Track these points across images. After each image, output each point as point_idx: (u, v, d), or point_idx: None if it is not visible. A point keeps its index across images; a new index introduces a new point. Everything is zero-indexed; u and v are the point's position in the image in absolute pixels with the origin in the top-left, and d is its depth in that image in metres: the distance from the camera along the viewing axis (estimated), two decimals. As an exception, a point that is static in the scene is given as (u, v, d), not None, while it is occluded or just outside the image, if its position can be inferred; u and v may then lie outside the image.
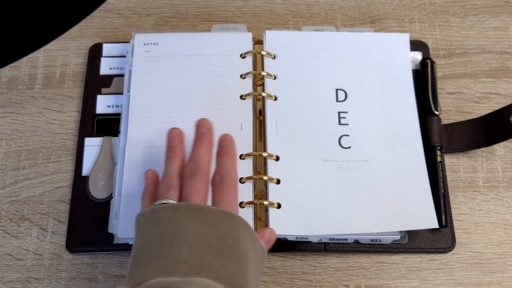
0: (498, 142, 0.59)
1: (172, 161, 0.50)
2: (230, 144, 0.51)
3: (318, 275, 0.55)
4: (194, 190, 0.47)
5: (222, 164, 0.50)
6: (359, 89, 0.60)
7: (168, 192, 0.47)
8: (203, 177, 0.48)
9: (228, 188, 0.48)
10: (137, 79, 0.59)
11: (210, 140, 0.51)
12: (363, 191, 0.55)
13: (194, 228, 0.43)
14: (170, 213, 0.44)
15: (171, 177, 0.48)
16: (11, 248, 0.56)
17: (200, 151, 0.49)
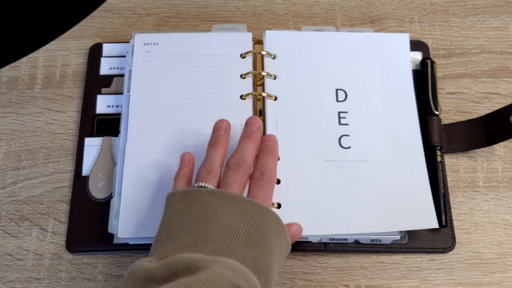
0: (498, 142, 0.59)
1: (216, 149, 0.51)
2: (274, 145, 0.53)
3: (318, 275, 0.55)
4: (235, 180, 0.48)
5: (264, 162, 0.51)
6: (359, 89, 0.60)
7: (208, 177, 0.49)
8: (245, 171, 0.49)
9: (266, 184, 0.49)
10: (137, 79, 0.59)
11: (258, 138, 0.53)
12: (363, 191, 0.55)
13: (225, 213, 0.45)
14: (205, 196, 0.46)
15: (213, 164, 0.50)
16: (11, 248, 0.56)
17: (248, 146, 0.51)
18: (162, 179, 0.55)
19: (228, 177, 0.49)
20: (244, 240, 0.44)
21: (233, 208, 0.45)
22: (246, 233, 0.44)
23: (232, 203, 0.45)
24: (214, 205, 0.45)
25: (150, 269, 0.41)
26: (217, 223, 0.44)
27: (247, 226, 0.44)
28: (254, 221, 0.45)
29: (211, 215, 0.45)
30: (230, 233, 0.44)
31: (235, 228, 0.44)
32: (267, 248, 0.44)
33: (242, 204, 0.45)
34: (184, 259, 0.41)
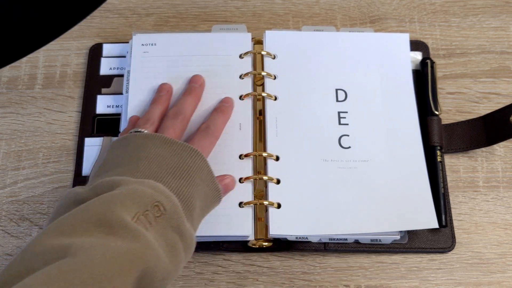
0: (498, 142, 0.59)
1: (156, 105, 0.55)
2: (229, 106, 0.57)
3: (317, 275, 0.55)
4: (171, 126, 0.52)
5: (213, 118, 0.55)
6: (359, 89, 0.60)
7: (145, 124, 0.52)
8: (182, 120, 0.53)
9: (209, 136, 0.53)
10: (136, 80, 0.59)
11: (198, 95, 0.57)
12: (363, 191, 0.55)
13: (156, 151, 0.47)
14: (140, 139, 0.48)
15: (152, 115, 0.54)
16: (11, 248, 0.56)
17: (187, 101, 0.55)
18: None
19: (165, 123, 0.52)
20: (170, 171, 0.46)
21: (165, 148, 0.47)
22: (173, 167, 0.46)
23: (164, 144, 0.48)
24: (147, 146, 0.48)
25: (80, 193, 0.43)
26: (147, 158, 0.46)
27: (175, 163, 0.46)
28: (182, 159, 0.47)
29: (143, 152, 0.47)
30: (157, 165, 0.46)
31: (164, 163, 0.46)
32: (192, 182, 0.46)
33: (173, 145, 0.48)
34: (109, 181, 0.43)
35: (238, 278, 0.55)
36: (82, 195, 0.43)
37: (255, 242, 0.54)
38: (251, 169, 0.55)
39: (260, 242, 0.55)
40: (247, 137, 0.57)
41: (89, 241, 0.37)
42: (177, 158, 0.47)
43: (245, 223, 0.53)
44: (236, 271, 0.55)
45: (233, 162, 0.55)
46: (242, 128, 0.57)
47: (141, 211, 0.41)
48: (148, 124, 0.52)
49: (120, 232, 0.39)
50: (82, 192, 0.43)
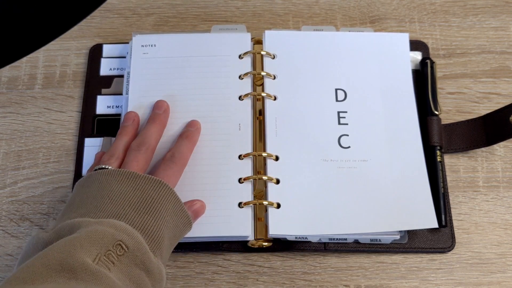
0: (498, 142, 0.59)
1: (121, 137, 0.54)
2: (195, 130, 0.56)
3: (318, 275, 0.55)
4: (134, 159, 0.51)
5: (178, 145, 0.54)
6: (358, 89, 0.60)
7: (110, 160, 0.51)
8: (146, 151, 0.52)
9: (174, 165, 0.52)
10: (135, 81, 0.59)
11: (163, 121, 0.56)
12: (363, 191, 0.55)
13: (119, 187, 0.47)
14: (103, 176, 0.48)
15: (116, 149, 0.52)
16: (11, 248, 0.56)
17: (150, 129, 0.54)
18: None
19: (129, 157, 0.51)
20: (134, 207, 0.45)
21: (128, 183, 0.47)
22: (138, 203, 0.46)
23: (127, 179, 0.47)
24: (110, 182, 0.47)
25: (42, 237, 0.43)
26: (110, 196, 0.46)
27: (139, 198, 0.46)
28: (147, 193, 0.46)
29: (106, 190, 0.46)
30: (120, 202, 0.45)
31: (127, 199, 0.46)
32: (158, 216, 0.46)
33: (136, 179, 0.47)
34: (70, 223, 0.43)
35: (239, 278, 0.55)
36: (45, 239, 0.43)
37: (255, 242, 0.54)
38: (251, 169, 0.55)
39: (260, 242, 0.55)
40: (247, 137, 0.57)
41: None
42: (140, 192, 0.46)
43: (244, 223, 0.53)
44: (236, 271, 0.55)
45: (233, 162, 0.55)
46: (241, 128, 0.57)
47: (103, 252, 0.40)
48: (113, 159, 0.51)
49: (82, 276, 0.38)
50: (45, 236, 0.43)
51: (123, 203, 0.45)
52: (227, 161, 0.55)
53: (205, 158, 0.56)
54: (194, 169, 0.55)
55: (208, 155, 0.56)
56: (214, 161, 0.55)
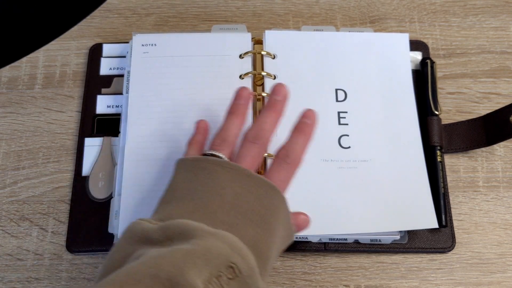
0: (498, 142, 0.59)
1: (233, 118, 0.49)
2: (311, 123, 0.49)
3: (318, 275, 0.55)
4: (249, 154, 0.46)
5: (293, 141, 0.48)
6: (358, 89, 0.60)
7: (221, 145, 0.47)
8: (262, 146, 0.47)
9: (288, 166, 0.47)
10: (136, 81, 0.59)
11: (281, 110, 0.49)
12: (363, 191, 0.55)
13: (231, 186, 0.43)
14: (213, 166, 0.44)
15: (228, 133, 0.48)
16: (11, 248, 0.56)
17: (268, 119, 0.48)
18: (162, 179, 0.55)
19: (243, 150, 0.47)
20: (246, 216, 0.42)
21: (240, 182, 0.43)
22: (249, 209, 0.42)
23: (240, 177, 0.43)
24: (220, 176, 0.43)
25: (147, 230, 0.40)
26: (221, 195, 0.42)
27: (251, 202, 0.42)
28: (259, 198, 0.43)
29: (217, 186, 0.43)
30: (232, 207, 0.42)
31: (238, 203, 0.42)
32: (269, 229, 0.42)
33: (250, 179, 0.43)
34: (181, 225, 0.40)
35: (238, 278, 0.55)
36: (150, 233, 0.40)
37: (255, 242, 0.54)
38: (251, 169, 0.55)
39: (260, 242, 0.54)
40: (247, 137, 0.57)
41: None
42: (253, 197, 0.42)
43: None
44: (236, 271, 0.55)
45: (233, 162, 0.55)
46: (242, 128, 0.57)
47: (214, 274, 0.37)
48: (225, 146, 0.47)
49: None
50: (149, 229, 0.40)
51: (235, 209, 0.42)
52: (227, 161, 0.55)
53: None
54: None
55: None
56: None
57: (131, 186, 0.55)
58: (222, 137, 0.48)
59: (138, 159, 0.56)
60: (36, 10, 0.85)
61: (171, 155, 0.56)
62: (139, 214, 0.54)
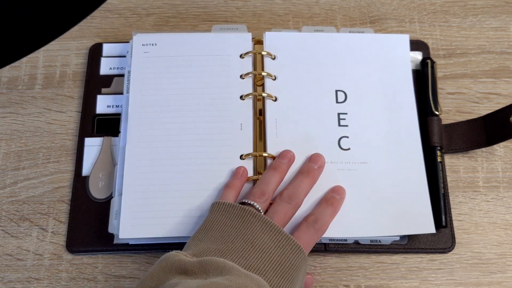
0: (498, 142, 0.59)
1: (275, 174, 0.53)
2: (340, 199, 0.54)
3: (318, 275, 0.55)
4: (282, 211, 0.50)
5: (322, 211, 0.52)
6: (359, 90, 0.60)
7: (260, 198, 0.51)
8: (295, 206, 0.52)
9: (314, 232, 0.50)
10: (136, 80, 0.59)
11: (316, 177, 0.54)
12: (362, 193, 0.55)
13: (262, 237, 0.47)
14: (248, 216, 0.48)
15: (269, 187, 0.52)
16: (11, 248, 0.56)
17: (304, 183, 0.53)
18: (162, 179, 0.55)
19: (278, 207, 0.51)
20: (274, 266, 0.45)
21: (271, 236, 0.47)
22: (277, 261, 0.46)
23: (271, 231, 0.47)
24: (254, 227, 0.47)
25: (184, 261, 0.43)
26: (253, 243, 0.46)
27: (279, 255, 0.46)
28: (287, 255, 0.46)
29: (249, 235, 0.47)
30: (262, 255, 0.46)
31: (268, 253, 0.46)
32: (291, 282, 0.46)
33: (280, 236, 0.47)
34: (219, 262, 0.43)
35: (238, 278, 0.55)
36: (187, 266, 0.43)
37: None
38: (252, 169, 0.55)
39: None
40: (248, 137, 0.57)
41: None
42: (280, 251, 0.46)
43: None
44: (236, 271, 0.55)
45: (234, 162, 0.55)
46: (243, 128, 0.57)
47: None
48: (263, 199, 0.51)
49: None
50: (187, 262, 0.43)
51: (264, 258, 0.46)
52: (228, 160, 0.55)
53: (206, 158, 0.56)
54: (196, 169, 0.55)
55: (209, 154, 0.56)
56: (215, 160, 0.55)
57: (131, 186, 0.55)
58: (262, 190, 0.52)
59: (138, 159, 0.56)
60: (36, 10, 0.85)
61: (171, 155, 0.56)
62: (139, 214, 0.54)
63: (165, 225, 0.53)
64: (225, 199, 0.51)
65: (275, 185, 0.53)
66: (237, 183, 0.53)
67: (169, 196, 0.54)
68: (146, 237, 0.53)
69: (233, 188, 0.53)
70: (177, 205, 0.54)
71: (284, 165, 0.54)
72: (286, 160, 0.54)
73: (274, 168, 0.54)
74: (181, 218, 0.53)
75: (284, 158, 0.55)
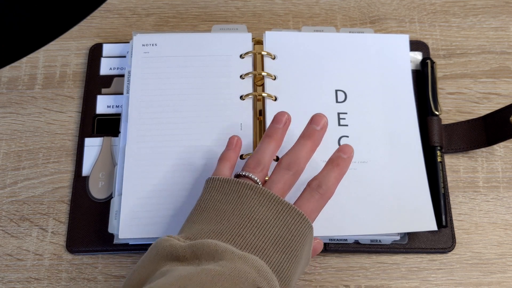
0: (498, 142, 0.59)
1: (270, 141, 0.50)
2: (348, 158, 0.50)
3: (318, 275, 0.55)
4: (282, 180, 0.47)
5: (327, 174, 0.48)
6: (358, 90, 0.60)
7: (256, 168, 0.47)
8: (295, 174, 0.48)
9: (319, 198, 0.47)
10: (136, 80, 0.59)
11: (318, 140, 0.50)
12: (362, 192, 0.55)
13: (260, 210, 0.44)
14: (244, 190, 0.45)
15: (264, 156, 0.48)
16: (11, 248, 0.56)
17: (305, 148, 0.49)
18: (162, 179, 0.55)
19: (276, 176, 0.47)
20: (274, 241, 0.43)
21: (270, 207, 0.44)
22: (277, 235, 0.43)
23: (270, 202, 0.44)
24: (251, 200, 0.44)
25: (176, 246, 0.41)
26: (250, 218, 0.43)
27: (280, 228, 0.43)
28: (288, 226, 0.44)
29: (246, 209, 0.44)
30: (261, 231, 0.43)
31: (268, 227, 0.43)
32: (294, 256, 0.43)
33: (280, 206, 0.44)
34: (211, 245, 0.40)
35: (238, 278, 0.55)
36: (178, 250, 0.41)
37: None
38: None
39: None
40: (248, 137, 0.57)
41: None
42: (281, 223, 0.43)
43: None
44: (236, 271, 0.55)
45: (234, 162, 0.55)
46: (243, 128, 0.57)
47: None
48: (259, 169, 0.47)
49: None
50: (178, 246, 0.41)
51: (263, 234, 0.43)
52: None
53: (206, 158, 0.56)
54: (196, 168, 0.55)
55: (209, 154, 0.56)
56: (216, 160, 0.55)
57: (131, 186, 0.55)
58: (257, 159, 0.48)
59: (138, 159, 0.56)
60: (36, 10, 0.85)
61: (171, 155, 0.56)
62: (139, 214, 0.54)
63: (165, 225, 0.53)
64: (220, 174, 0.48)
65: (272, 153, 0.49)
66: (231, 154, 0.50)
67: (169, 196, 0.54)
68: (146, 237, 0.53)
69: (228, 160, 0.50)
70: (177, 205, 0.54)
71: (279, 130, 0.50)
72: (280, 124, 0.50)
73: (268, 136, 0.50)
74: (181, 218, 0.53)
75: (278, 123, 0.50)
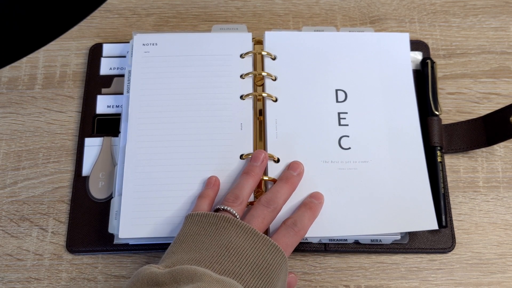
0: (498, 142, 0.59)
1: (248, 178, 0.53)
2: (319, 204, 0.53)
3: (318, 275, 0.55)
4: (260, 215, 0.49)
5: (301, 214, 0.52)
6: (359, 89, 0.60)
7: (234, 202, 0.50)
8: (273, 211, 0.51)
9: (293, 234, 0.50)
10: (137, 80, 0.59)
11: (295, 184, 0.54)
12: (363, 192, 0.55)
13: (237, 241, 0.46)
14: (222, 223, 0.47)
15: (242, 191, 0.51)
16: (11, 248, 0.56)
17: (282, 189, 0.52)
18: (162, 179, 0.55)
19: (256, 211, 0.50)
20: (251, 268, 0.45)
21: (247, 239, 0.46)
22: (254, 263, 0.45)
23: (247, 234, 0.47)
24: (229, 232, 0.46)
25: (155, 274, 0.42)
26: (228, 248, 0.45)
27: (256, 257, 0.45)
28: (264, 256, 0.46)
29: (224, 240, 0.46)
30: (238, 258, 0.45)
31: (245, 255, 0.45)
32: (270, 284, 0.45)
33: (256, 237, 0.46)
34: (190, 270, 0.42)
35: (238, 278, 0.55)
36: (158, 277, 0.42)
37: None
38: (251, 169, 0.55)
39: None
40: (248, 137, 0.57)
41: None
42: (257, 252, 0.46)
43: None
44: (236, 271, 0.55)
45: (234, 162, 0.55)
46: (243, 128, 0.57)
47: None
48: (237, 203, 0.50)
49: None
50: (158, 274, 0.42)
51: (240, 261, 0.45)
52: (228, 160, 0.55)
53: (207, 157, 0.56)
54: (196, 169, 0.55)
55: (209, 154, 0.56)
56: (216, 160, 0.55)
57: (131, 186, 0.55)
58: (236, 194, 0.51)
59: (138, 159, 0.56)
60: (36, 10, 0.85)
61: (171, 155, 0.56)
62: (139, 214, 0.54)
63: (165, 225, 0.53)
64: (198, 209, 0.51)
65: (250, 189, 0.52)
66: (210, 192, 0.53)
67: (169, 196, 0.54)
68: (146, 237, 0.53)
69: (206, 198, 0.52)
70: (177, 205, 0.54)
71: (257, 168, 0.53)
72: (258, 162, 0.54)
73: (246, 173, 0.53)
74: (181, 218, 0.53)
75: (255, 161, 0.54)
